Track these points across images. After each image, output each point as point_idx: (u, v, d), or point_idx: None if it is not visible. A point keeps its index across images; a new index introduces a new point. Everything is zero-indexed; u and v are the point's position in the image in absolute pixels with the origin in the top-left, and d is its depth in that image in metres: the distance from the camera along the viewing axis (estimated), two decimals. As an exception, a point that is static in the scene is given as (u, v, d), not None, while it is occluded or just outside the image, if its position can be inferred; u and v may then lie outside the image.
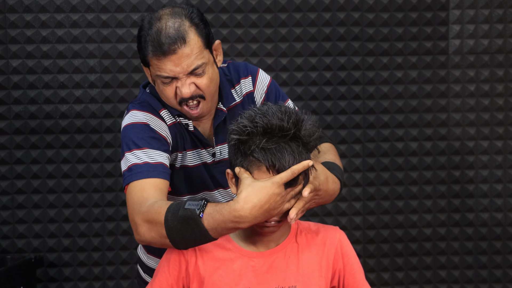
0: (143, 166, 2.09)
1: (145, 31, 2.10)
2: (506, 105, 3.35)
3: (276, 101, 2.33)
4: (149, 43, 2.09)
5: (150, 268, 2.48)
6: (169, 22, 2.09)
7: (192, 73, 2.11)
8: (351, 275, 2.06)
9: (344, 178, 2.12)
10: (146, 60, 2.12)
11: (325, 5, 3.28)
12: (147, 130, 2.16)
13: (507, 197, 3.37)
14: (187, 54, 2.10)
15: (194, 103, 2.15)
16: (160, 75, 2.11)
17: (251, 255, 1.99)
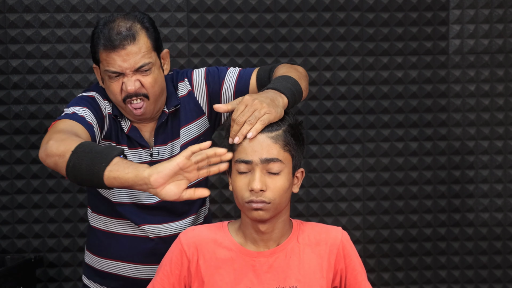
0: (73, 114, 2.21)
1: (99, 29, 2.27)
2: (507, 105, 3.36)
3: (219, 83, 2.46)
4: (101, 39, 2.24)
5: (86, 264, 2.54)
6: (121, 23, 2.26)
7: (139, 70, 2.25)
8: (353, 275, 2.08)
9: (293, 84, 2.16)
10: (97, 57, 2.28)
11: (325, 5, 3.29)
12: (91, 101, 2.31)
13: (507, 197, 3.39)
14: (135, 51, 2.25)
15: (138, 102, 2.28)
16: (109, 70, 2.25)
17: (252, 255, 2.01)
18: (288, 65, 2.39)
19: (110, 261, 2.45)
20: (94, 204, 2.46)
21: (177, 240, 2.05)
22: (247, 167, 1.93)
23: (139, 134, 2.37)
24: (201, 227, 2.08)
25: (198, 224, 2.44)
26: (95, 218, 2.47)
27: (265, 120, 1.97)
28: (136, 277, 2.44)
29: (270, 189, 1.92)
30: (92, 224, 2.48)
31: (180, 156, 1.90)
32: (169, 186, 1.93)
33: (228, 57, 3.30)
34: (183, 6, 3.27)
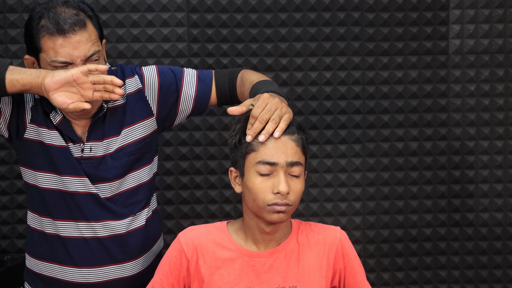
0: None
1: (39, 17, 2.11)
2: (506, 105, 3.37)
3: (176, 85, 2.37)
4: (46, 26, 2.09)
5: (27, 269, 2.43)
6: (66, 9, 2.12)
7: (88, 60, 2.12)
8: (352, 275, 2.09)
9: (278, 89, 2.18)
10: (37, 45, 2.11)
11: (325, 5, 3.30)
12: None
13: (507, 197, 3.39)
14: (86, 39, 2.12)
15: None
16: (56, 60, 2.09)
17: (252, 255, 2.02)
18: (255, 72, 2.37)
19: (48, 263, 2.35)
20: (29, 200, 2.38)
21: (176, 240, 2.06)
22: (271, 169, 1.93)
23: (70, 127, 2.24)
24: (200, 227, 2.09)
25: (139, 226, 2.35)
26: (31, 216, 2.37)
27: (287, 120, 1.98)
28: (73, 281, 2.33)
29: (292, 192, 1.94)
30: (29, 223, 2.39)
31: (76, 69, 2.01)
32: (61, 93, 2.04)
33: (228, 57, 3.30)
34: (183, 6, 3.28)
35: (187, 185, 3.33)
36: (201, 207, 3.36)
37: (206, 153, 3.34)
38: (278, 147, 1.93)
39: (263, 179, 1.93)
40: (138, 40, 3.25)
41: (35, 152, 2.26)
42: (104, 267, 2.31)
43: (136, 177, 2.34)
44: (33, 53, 2.16)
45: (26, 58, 2.20)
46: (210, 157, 3.34)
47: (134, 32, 3.26)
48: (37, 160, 2.26)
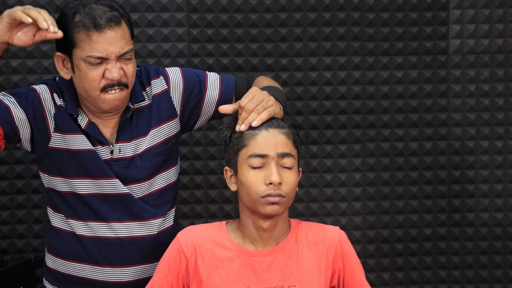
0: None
1: (73, 12, 2.14)
2: (506, 105, 3.37)
3: (200, 87, 2.39)
4: (82, 21, 2.10)
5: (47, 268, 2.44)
6: (101, 7, 2.13)
7: (122, 57, 2.14)
8: (351, 275, 2.09)
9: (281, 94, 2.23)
10: (73, 42, 2.12)
11: (325, 5, 3.30)
12: (27, 92, 2.27)
13: (507, 197, 3.39)
14: (121, 35, 2.14)
15: (117, 91, 2.16)
16: (92, 55, 2.10)
17: (251, 254, 2.02)
18: (269, 79, 2.43)
19: (78, 263, 2.36)
20: (55, 204, 2.37)
21: (175, 240, 2.07)
22: (262, 161, 1.96)
23: (97, 130, 2.26)
24: (199, 227, 2.10)
25: (168, 226, 2.38)
26: (57, 218, 2.37)
27: (271, 111, 2.01)
28: (104, 281, 2.36)
29: (285, 183, 1.96)
30: (54, 225, 2.39)
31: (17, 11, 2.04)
32: (19, 35, 2.09)
33: (228, 57, 3.31)
34: (183, 6, 3.28)
35: (187, 185, 3.33)
36: (201, 207, 3.36)
37: (206, 153, 3.34)
38: (268, 140, 1.97)
39: (256, 171, 1.97)
40: (138, 40, 3.26)
41: (65, 160, 2.27)
42: (136, 266, 2.34)
43: (165, 178, 2.37)
44: (65, 49, 2.16)
45: (57, 55, 2.20)
46: (210, 157, 3.34)
47: (134, 32, 3.26)
48: (69, 168, 2.27)
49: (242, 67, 3.32)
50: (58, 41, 2.16)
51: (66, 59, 2.19)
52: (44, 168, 2.32)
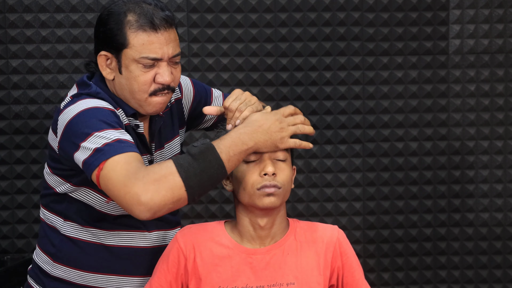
0: (120, 142, 1.91)
1: (123, 12, 2.01)
2: (506, 105, 3.37)
3: (206, 98, 2.38)
4: (136, 21, 1.99)
5: (56, 278, 2.23)
6: (153, 7, 2.03)
7: (172, 59, 2.06)
8: (350, 273, 2.09)
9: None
10: (124, 42, 2.00)
11: (325, 5, 3.31)
12: (116, 117, 2.01)
13: (507, 197, 3.40)
14: (174, 37, 2.06)
15: (164, 96, 2.07)
16: (147, 56, 2.00)
17: (249, 252, 2.03)
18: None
19: (99, 274, 2.20)
20: (66, 213, 2.18)
21: (174, 239, 2.07)
22: (256, 155, 1.97)
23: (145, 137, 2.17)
24: (198, 226, 2.10)
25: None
26: (70, 226, 2.19)
27: (254, 108, 2.02)
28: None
29: (280, 173, 1.99)
30: (67, 234, 2.19)
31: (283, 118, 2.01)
32: None
33: (228, 57, 3.31)
34: (183, 6, 3.29)
35: (187, 185, 3.34)
36: (201, 207, 3.37)
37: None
38: None
39: (250, 165, 2.00)
40: (138, 40, 3.26)
41: None
42: None
43: None
44: (114, 48, 2.03)
45: (101, 55, 2.06)
46: (210, 157, 3.34)
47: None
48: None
49: (242, 67, 3.33)
50: (104, 39, 2.04)
51: (111, 59, 2.06)
52: (71, 179, 2.10)
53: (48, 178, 2.18)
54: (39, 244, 2.28)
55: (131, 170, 1.85)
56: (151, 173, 1.84)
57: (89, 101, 2.02)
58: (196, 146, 1.88)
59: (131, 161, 1.87)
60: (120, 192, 1.86)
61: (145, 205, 1.83)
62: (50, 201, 2.20)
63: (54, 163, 2.13)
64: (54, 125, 2.08)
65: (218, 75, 3.34)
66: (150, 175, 1.83)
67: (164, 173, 1.84)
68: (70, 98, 2.07)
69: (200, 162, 1.86)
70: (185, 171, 1.84)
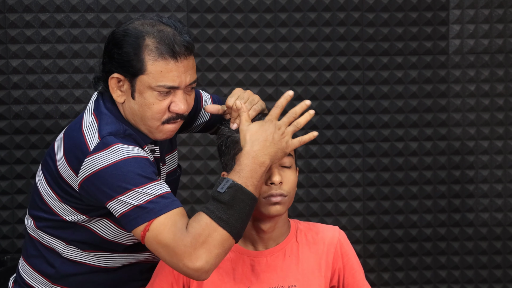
0: (163, 198, 1.90)
1: (142, 35, 1.91)
2: (506, 105, 3.38)
3: (197, 103, 2.26)
4: (156, 47, 1.89)
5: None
6: (173, 31, 1.94)
7: (187, 87, 1.97)
8: (351, 274, 2.10)
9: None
10: (142, 68, 1.90)
11: (325, 5, 3.31)
12: (151, 165, 1.94)
13: (507, 197, 3.40)
14: (193, 64, 1.97)
15: (175, 123, 2.00)
16: (164, 85, 1.91)
17: (251, 254, 2.03)
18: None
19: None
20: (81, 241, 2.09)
21: (177, 240, 2.06)
22: None
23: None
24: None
25: None
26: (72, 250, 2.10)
27: (258, 108, 2.01)
28: None
29: (286, 182, 1.98)
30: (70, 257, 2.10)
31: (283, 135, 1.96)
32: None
33: (228, 57, 3.31)
34: (183, 6, 3.29)
35: (187, 185, 3.34)
36: (201, 207, 3.36)
37: (206, 153, 3.35)
38: None
39: None
40: (138, 40, 3.26)
41: None
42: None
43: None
44: (127, 73, 1.93)
45: (113, 78, 1.95)
46: (210, 157, 3.35)
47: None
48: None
49: (242, 67, 3.33)
50: (118, 61, 1.93)
51: (123, 81, 1.95)
52: (89, 213, 2.02)
53: (53, 203, 2.07)
54: (30, 263, 2.18)
55: (178, 234, 1.83)
56: (197, 235, 1.82)
57: (122, 148, 1.91)
58: (223, 191, 1.84)
59: (176, 221, 1.86)
60: (172, 259, 1.85)
61: (203, 270, 1.83)
62: (50, 226, 2.11)
63: (68, 196, 2.03)
64: (76, 163, 1.96)
65: (218, 75, 3.34)
66: (196, 239, 1.82)
67: (207, 232, 1.82)
68: (99, 139, 1.94)
69: (235, 207, 1.84)
70: (226, 222, 1.83)
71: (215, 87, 3.33)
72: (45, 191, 2.09)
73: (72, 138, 2.02)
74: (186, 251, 1.81)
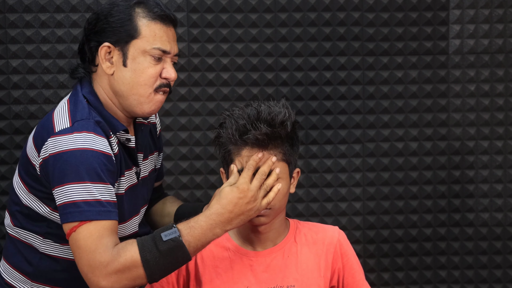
0: (100, 205, 1.88)
1: (134, 3, 1.99)
2: (506, 105, 3.38)
3: (161, 140, 2.38)
4: (149, 12, 1.99)
5: None
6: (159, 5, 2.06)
7: (173, 58, 2.06)
8: (351, 274, 2.10)
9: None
10: (136, 32, 1.97)
11: (325, 5, 3.31)
12: (108, 163, 1.95)
13: (507, 197, 3.40)
14: (175, 36, 2.07)
15: (163, 94, 2.05)
16: (159, 48, 1.99)
17: (250, 255, 2.03)
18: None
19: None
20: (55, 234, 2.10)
21: (176, 241, 2.07)
22: None
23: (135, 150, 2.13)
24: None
25: None
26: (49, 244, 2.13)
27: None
28: None
29: None
30: (47, 252, 2.13)
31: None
32: None
33: (228, 57, 3.31)
34: (183, 6, 3.29)
35: (187, 185, 3.34)
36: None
37: (206, 153, 3.35)
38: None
39: None
40: (138, 40, 3.27)
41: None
42: None
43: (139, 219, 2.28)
44: (118, 42, 1.98)
45: (104, 47, 1.99)
46: (210, 157, 3.35)
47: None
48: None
49: (242, 67, 3.33)
50: (109, 31, 1.99)
51: (113, 51, 2.01)
52: (51, 203, 2.04)
53: (22, 195, 2.11)
54: (10, 262, 2.20)
55: (99, 249, 1.82)
56: (116, 261, 1.81)
57: (87, 138, 1.93)
58: (166, 240, 1.81)
59: (103, 236, 1.84)
60: (83, 267, 1.84)
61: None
62: (25, 220, 2.13)
63: (33, 181, 2.06)
64: (40, 141, 2.00)
65: (218, 75, 3.34)
66: (114, 264, 1.81)
67: (129, 265, 1.81)
68: (69, 122, 1.97)
69: (167, 258, 1.82)
70: (150, 267, 1.81)
71: (215, 87, 3.34)
72: (17, 183, 2.15)
73: (41, 122, 2.06)
74: (99, 267, 1.81)
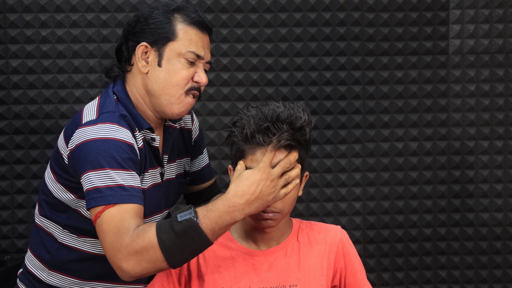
0: (122, 189, 1.91)
1: (173, 9, 2.05)
2: (506, 105, 3.38)
3: (201, 145, 2.42)
4: (188, 16, 2.05)
5: (51, 286, 2.22)
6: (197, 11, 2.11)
7: (206, 64, 2.12)
8: (352, 274, 2.10)
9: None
10: (173, 34, 2.03)
11: (325, 5, 3.31)
12: (130, 152, 1.98)
13: (507, 197, 3.40)
14: (210, 45, 2.13)
15: (194, 97, 2.10)
16: (193, 52, 2.04)
17: (252, 254, 2.03)
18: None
19: (96, 282, 2.21)
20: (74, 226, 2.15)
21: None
22: None
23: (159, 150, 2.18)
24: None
25: None
26: (69, 236, 2.17)
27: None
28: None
29: (282, 200, 1.93)
30: (66, 243, 2.17)
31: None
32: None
33: (228, 57, 3.31)
34: (183, 6, 3.29)
35: (187, 185, 3.34)
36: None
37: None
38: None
39: None
40: (138, 40, 3.27)
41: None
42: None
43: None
44: (155, 42, 2.05)
45: (141, 46, 2.05)
46: (210, 157, 3.34)
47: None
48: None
49: (242, 67, 3.33)
50: (148, 31, 2.05)
51: (150, 51, 2.07)
52: (77, 192, 2.08)
53: (51, 184, 2.15)
54: (32, 250, 2.26)
55: (121, 231, 1.84)
56: (134, 243, 1.82)
57: (110, 128, 1.98)
58: (181, 221, 1.81)
59: (125, 218, 1.87)
60: (107, 250, 1.87)
61: (127, 273, 1.84)
62: (49, 210, 2.18)
63: (61, 171, 2.10)
64: (69, 133, 2.06)
65: (218, 75, 3.34)
66: (133, 245, 1.82)
67: (146, 245, 1.81)
68: (96, 114, 2.03)
69: (183, 240, 1.81)
70: (166, 248, 1.81)
71: (215, 87, 3.34)
72: (47, 173, 2.17)
73: (73, 117, 2.12)
74: (120, 249, 1.83)
